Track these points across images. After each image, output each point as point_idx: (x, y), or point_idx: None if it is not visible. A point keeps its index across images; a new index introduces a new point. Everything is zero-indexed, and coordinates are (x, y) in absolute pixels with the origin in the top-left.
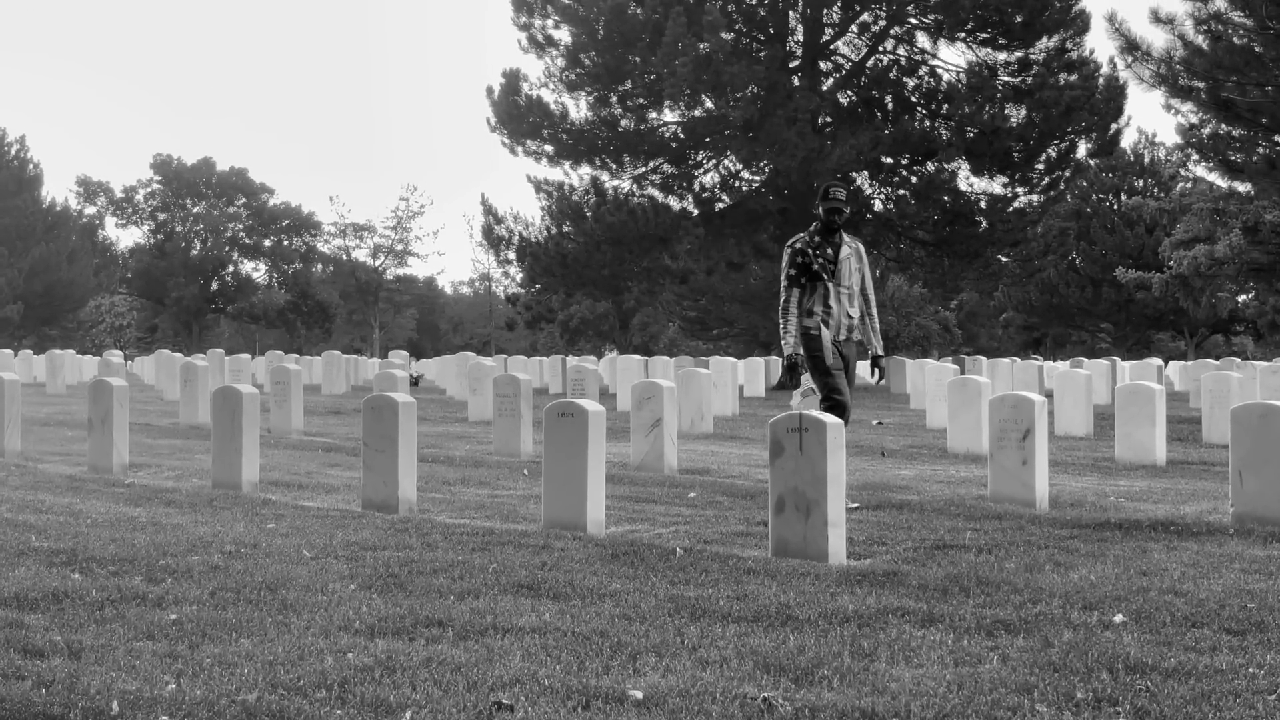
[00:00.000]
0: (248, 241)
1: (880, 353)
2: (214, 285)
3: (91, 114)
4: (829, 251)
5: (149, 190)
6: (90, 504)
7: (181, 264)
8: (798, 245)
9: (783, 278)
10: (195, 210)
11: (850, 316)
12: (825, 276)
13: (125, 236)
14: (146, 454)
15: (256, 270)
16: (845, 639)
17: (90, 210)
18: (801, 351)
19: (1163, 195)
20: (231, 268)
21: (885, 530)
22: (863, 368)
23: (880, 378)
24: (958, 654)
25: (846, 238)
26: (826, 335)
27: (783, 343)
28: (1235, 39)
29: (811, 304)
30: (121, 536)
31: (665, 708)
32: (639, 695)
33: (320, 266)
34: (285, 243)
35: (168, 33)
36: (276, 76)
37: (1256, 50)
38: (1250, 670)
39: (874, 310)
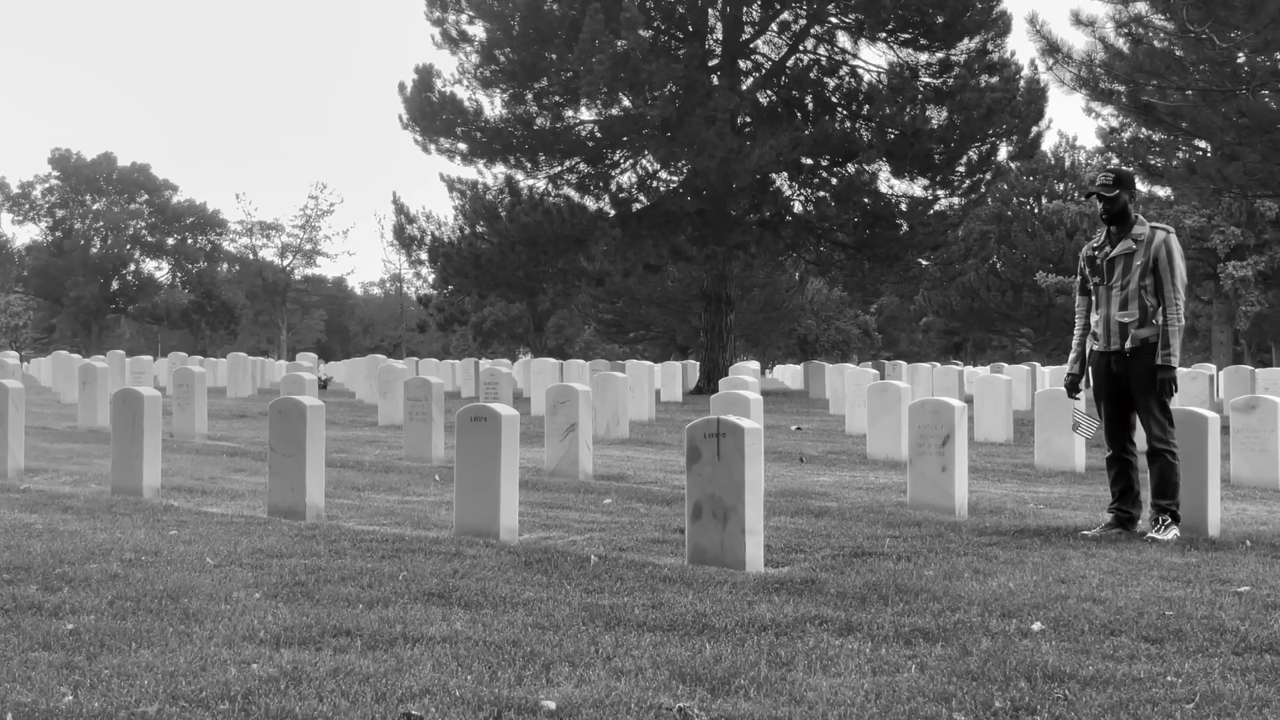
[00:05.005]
0: (150, 240)
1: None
2: (114, 284)
3: None
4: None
5: (46, 186)
6: None
7: (80, 262)
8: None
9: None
10: (95, 207)
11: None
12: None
13: (21, 234)
14: (43, 458)
15: (159, 269)
16: (762, 648)
17: None
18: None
19: (1083, 199)
20: (133, 267)
21: (804, 538)
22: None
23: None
24: (876, 663)
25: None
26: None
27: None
28: (1156, 42)
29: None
30: (16, 544)
31: (579, 718)
32: (552, 706)
33: (226, 266)
34: (189, 241)
35: (66, 23)
36: (181, 69)
37: (1177, 54)
38: (1168, 679)
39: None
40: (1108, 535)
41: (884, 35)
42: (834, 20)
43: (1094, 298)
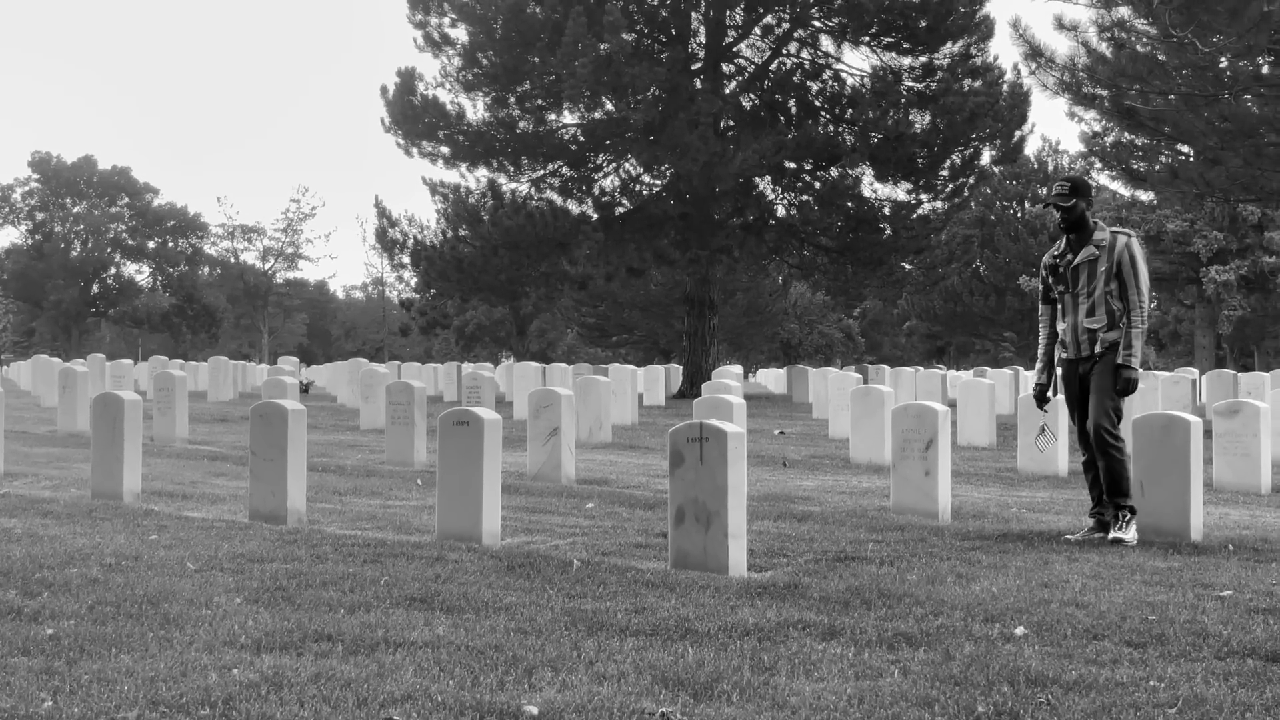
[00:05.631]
0: (131, 243)
1: None
2: (95, 288)
3: None
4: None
5: (26, 189)
6: None
7: (61, 266)
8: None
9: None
10: (75, 210)
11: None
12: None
13: (1, 237)
14: (23, 463)
15: (140, 273)
16: (745, 653)
17: None
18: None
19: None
20: (113, 270)
21: (786, 542)
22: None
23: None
24: (859, 667)
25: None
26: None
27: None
28: (1139, 47)
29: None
30: None
31: None
32: (534, 711)
33: (207, 269)
34: (170, 244)
35: (48, 25)
36: (162, 72)
37: (1160, 58)
38: (1151, 683)
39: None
40: (1090, 539)
41: (867, 39)
42: (817, 24)
43: (1059, 306)
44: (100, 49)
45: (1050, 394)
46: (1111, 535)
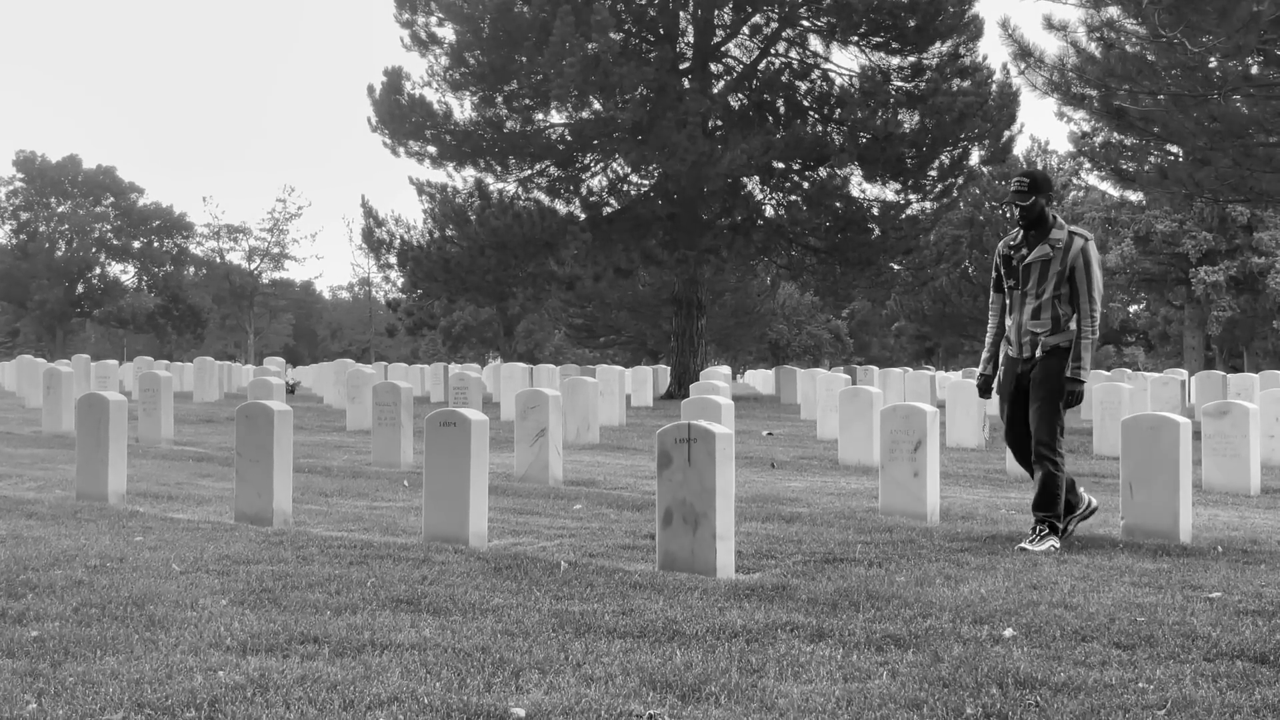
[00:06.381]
0: (116, 243)
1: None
2: (80, 288)
3: None
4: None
5: (11, 188)
6: None
7: (45, 265)
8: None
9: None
10: (60, 210)
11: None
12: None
13: None
14: (7, 464)
15: (125, 273)
16: (733, 655)
17: None
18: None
19: (1055, 204)
20: (98, 270)
21: (775, 543)
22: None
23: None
24: (847, 669)
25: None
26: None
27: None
28: (1128, 47)
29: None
30: None
31: None
32: (522, 713)
33: (192, 269)
34: (155, 244)
35: (31, 22)
36: (147, 71)
37: (1149, 58)
38: (1140, 685)
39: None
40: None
41: (856, 39)
42: (805, 23)
43: (1008, 300)
44: (85, 48)
45: (994, 386)
46: (1022, 545)
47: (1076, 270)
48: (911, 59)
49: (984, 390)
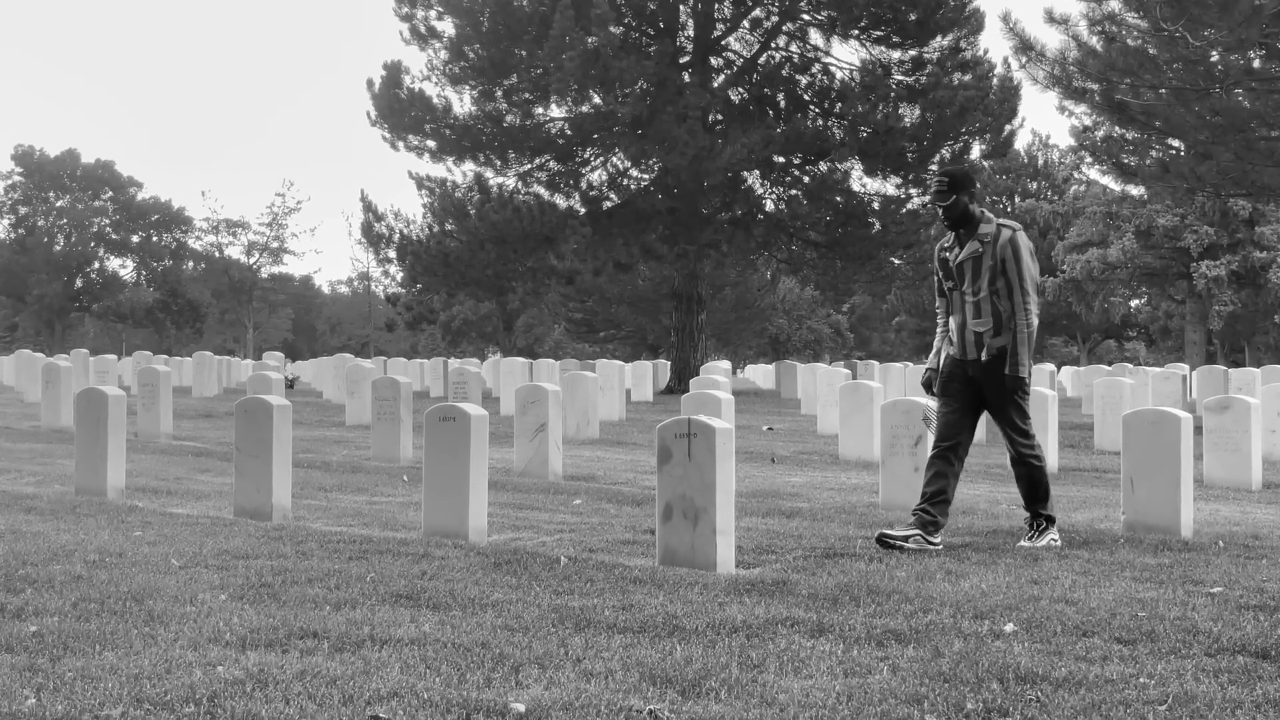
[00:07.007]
0: (114, 237)
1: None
2: (78, 282)
3: None
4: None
5: (9, 183)
6: None
7: (44, 260)
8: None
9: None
10: (59, 204)
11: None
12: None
13: None
14: (6, 458)
15: (124, 267)
16: (733, 650)
17: None
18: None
19: (1056, 198)
20: (97, 264)
21: (775, 538)
22: None
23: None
24: (847, 664)
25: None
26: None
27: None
28: (1129, 40)
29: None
30: None
31: None
32: (521, 708)
33: (191, 264)
34: (154, 239)
35: (31, 17)
36: (146, 65)
37: (1150, 52)
38: (1141, 680)
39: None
40: (909, 538)
41: (856, 32)
42: (806, 17)
43: (949, 302)
44: (84, 41)
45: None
46: (1022, 543)
47: (1006, 262)
48: (912, 53)
49: (929, 386)
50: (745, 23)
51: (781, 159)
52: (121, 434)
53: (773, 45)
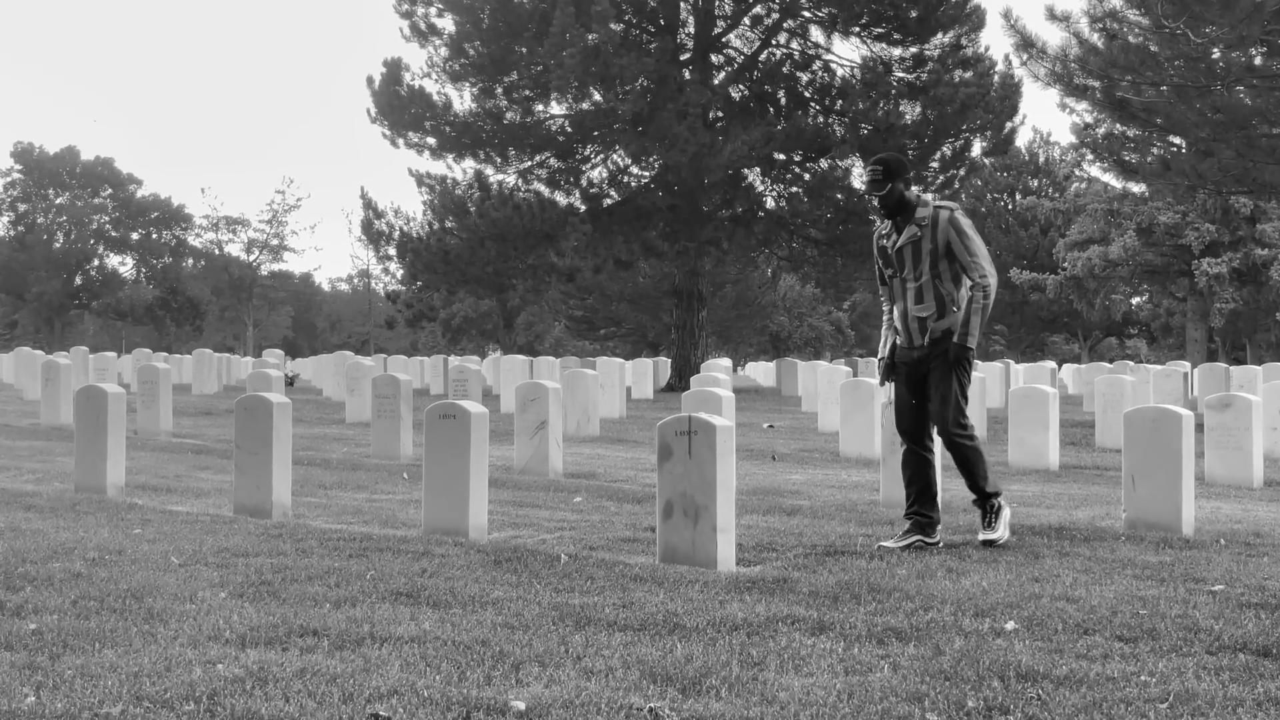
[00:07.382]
0: (114, 234)
1: None
2: (78, 280)
3: None
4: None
5: (9, 180)
6: None
7: (43, 257)
8: None
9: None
10: (58, 201)
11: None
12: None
13: None
14: (5, 456)
15: (123, 264)
16: (734, 648)
17: None
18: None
19: (1057, 195)
20: (97, 261)
21: (775, 536)
22: None
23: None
24: (848, 662)
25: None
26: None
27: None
28: (1131, 38)
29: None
30: None
31: (549, 719)
32: (521, 706)
33: (191, 261)
34: (154, 236)
35: (29, 15)
36: (145, 62)
37: (1152, 49)
38: (1142, 678)
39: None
40: (911, 545)
41: (857, 29)
42: (807, 14)
43: (890, 290)
44: (83, 39)
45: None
46: (981, 537)
47: (951, 242)
48: (913, 50)
49: (886, 376)
50: (746, 19)
51: (782, 156)
52: (121, 431)
53: (773, 42)
